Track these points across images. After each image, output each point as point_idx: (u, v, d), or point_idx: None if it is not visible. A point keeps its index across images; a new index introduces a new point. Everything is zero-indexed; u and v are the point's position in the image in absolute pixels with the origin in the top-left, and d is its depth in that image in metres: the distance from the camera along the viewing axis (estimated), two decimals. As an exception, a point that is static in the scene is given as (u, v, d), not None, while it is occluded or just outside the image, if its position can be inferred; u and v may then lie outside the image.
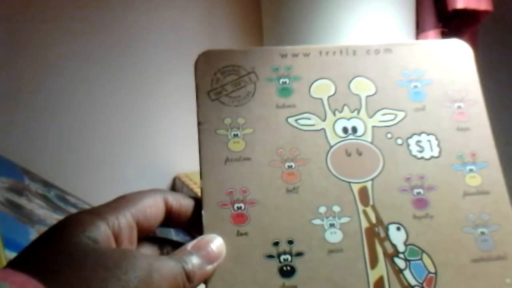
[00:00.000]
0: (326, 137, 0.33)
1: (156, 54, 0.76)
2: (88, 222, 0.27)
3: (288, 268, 0.30)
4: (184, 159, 0.76)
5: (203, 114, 0.33)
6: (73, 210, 0.60)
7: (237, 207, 0.31)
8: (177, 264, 0.28)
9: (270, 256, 0.30)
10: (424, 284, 0.30)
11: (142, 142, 0.77)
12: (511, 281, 0.30)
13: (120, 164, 0.76)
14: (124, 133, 0.76)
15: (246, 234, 0.30)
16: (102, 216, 0.28)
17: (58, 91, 0.72)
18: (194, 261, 0.28)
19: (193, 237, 0.30)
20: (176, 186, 0.76)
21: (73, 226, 0.27)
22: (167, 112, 0.77)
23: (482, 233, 0.32)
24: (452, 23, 0.72)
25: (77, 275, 0.25)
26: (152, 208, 0.30)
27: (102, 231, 0.27)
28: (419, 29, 0.70)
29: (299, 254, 0.30)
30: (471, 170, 0.33)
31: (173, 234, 0.50)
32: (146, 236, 0.31)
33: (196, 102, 0.33)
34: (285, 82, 0.35)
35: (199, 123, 0.33)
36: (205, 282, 0.29)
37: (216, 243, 0.30)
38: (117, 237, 0.28)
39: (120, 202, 0.29)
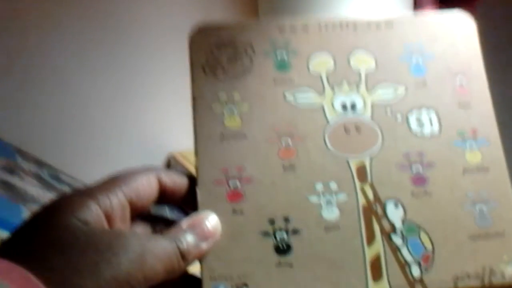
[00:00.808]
0: (324, 114, 0.33)
1: (149, 28, 0.74)
2: (78, 203, 0.26)
3: (284, 245, 0.29)
4: (179, 138, 0.75)
5: (198, 89, 0.32)
6: (67, 189, 0.59)
7: (233, 185, 0.31)
8: (171, 243, 0.27)
9: (266, 234, 0.30)
10: (421, 261, 0.30)
11: (136, 120, 0.76)
12: (508, 258, 0.30)
13: (114, 142, 0.75)
14: (117, 111, 0.74)
15: (241, 212, 0.30)
16: (92, 196, 0.27)
17: (49, 69, 0.71)
18: (189, 239, 0.28)
19: (187, 214, 0.30)
20: (170, 165, 0.76)
21: (62, 208, 0.26)
22: (162, 89, 0.76)
23: (481, 210, 0.31)
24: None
25: (67, 260, 0.24)
26: (145, 186, 0.29)
27: (93, 212, 0.26)
28: (417, 5, 0.69)
29: (295, 231, 0.30)
30: (471, 147, 0.33)
31: (167, 211, 0.50)
32: (139, 214, 0.30)
33: (190, 77, 0.32)
34: (283, 57, 0.34)
35: (193, 99, 0.32)
36: (200, 260, 0.29)
37: (211, 220, 0.29)
38: (109, 217, 0.27)
39: (111, 182, 0.28)
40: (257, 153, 0.31)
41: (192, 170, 0.32)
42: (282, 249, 0.29)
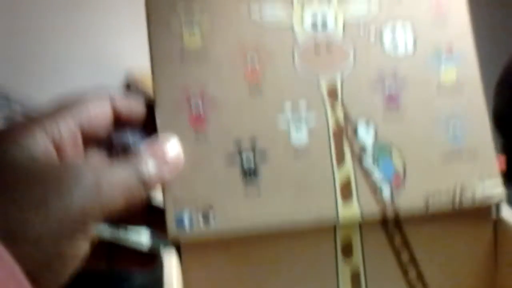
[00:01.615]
0: (293, 31, 0.30)
1: None
2: (22, 133, 0.23)
3: (251, 171, 0.28)
4: (137, 55, 0.70)
5: (153, 2, 0.29)
6: (18, 109, 0.54)
7: (195, 109, 0.28)
8: (130, 170, 0.25)
9: (232, 159, 0.28)
10: (392, 183, 0.29)
11: (91, 36, 0.70)
12: (480, 177, 0.30)
13: (68, 60, 0.69)
14: (71, 27, 0.68)
15: (205, 137, 0.28)
16: (38, 124, 0.24)
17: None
18: (150, 165, 0.26)
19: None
20: (129, 83, 0.72)
21: (3, 138, 0.23)
22: (118, 4, 0.70)
23: (454, 129, 0.30)
24: None
25: (9, 197, 0.21)
26: (97, 113, 0.26)
27: (39, 143, 0.23)
28: None
29: (262, 156, 0.28)
30: (446, 64, 0.31)
31: (128, 137, 0.47)
32: (94, 142, 0.28)
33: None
34: None
35: (148, 14, 0.29)
36: (162, 187, 0.27)
37: (172, 145, 0.27)
38: (58, 147, 0.24)
39: (59, 108, 0.25)
40: (221, 74, 0.29)
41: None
42: (249, 174, 0.28)
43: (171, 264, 0.26)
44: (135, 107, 0.28)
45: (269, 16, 0.30)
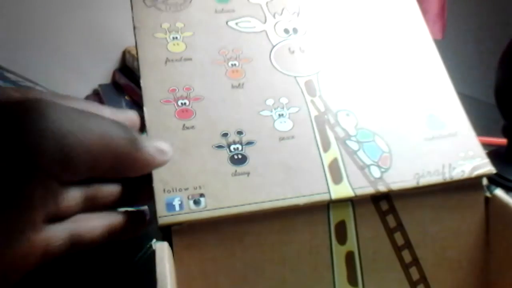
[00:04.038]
0: (268, 38, 0.33)
1: None
2: None
3: (239, 156, 0.28)
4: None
5: (139, 19, 0.32)
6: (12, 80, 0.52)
7: (181, 103, 0.30)
8: (117, 125, 0.23)
9: (220, 147, 0.29)
10: (380, 163, 0.29)
11: (88, 12, 0.68)
12: (465, 154, 0.30)
13: (65, 37, 0.66)
14: (68, 2, 0.67)
15: (192, 127, 0.29)
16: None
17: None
18: (144, 137, 0.25)
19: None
20: (126, 59, 0.70)
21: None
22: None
23: (431, 115, 0.32)
24: None
25: None
26: None
27: None
28: None
29: (249, 143, 0.29)
30: (408, 54, 0.34)
31: (124, 105, 0.46)
32: None
33: (131, 7, 0.32)
34: None
35: (134, 28, 0.32)
36: (150, 177, 0.27)
37: (163, 143, 0.28)
38: None
39: None
40: (204, 74, 0.31)
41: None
42: (238, 160, 0.28)
43: (162, 251, 0.25)
44: (122, 118, 0.28)
45: (245, 28, 0.33)
